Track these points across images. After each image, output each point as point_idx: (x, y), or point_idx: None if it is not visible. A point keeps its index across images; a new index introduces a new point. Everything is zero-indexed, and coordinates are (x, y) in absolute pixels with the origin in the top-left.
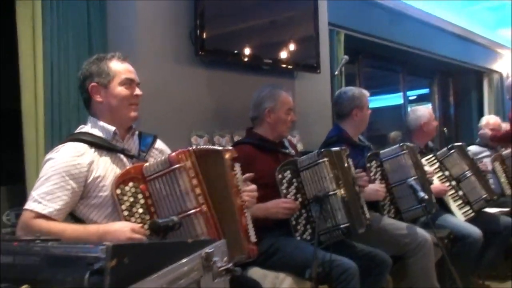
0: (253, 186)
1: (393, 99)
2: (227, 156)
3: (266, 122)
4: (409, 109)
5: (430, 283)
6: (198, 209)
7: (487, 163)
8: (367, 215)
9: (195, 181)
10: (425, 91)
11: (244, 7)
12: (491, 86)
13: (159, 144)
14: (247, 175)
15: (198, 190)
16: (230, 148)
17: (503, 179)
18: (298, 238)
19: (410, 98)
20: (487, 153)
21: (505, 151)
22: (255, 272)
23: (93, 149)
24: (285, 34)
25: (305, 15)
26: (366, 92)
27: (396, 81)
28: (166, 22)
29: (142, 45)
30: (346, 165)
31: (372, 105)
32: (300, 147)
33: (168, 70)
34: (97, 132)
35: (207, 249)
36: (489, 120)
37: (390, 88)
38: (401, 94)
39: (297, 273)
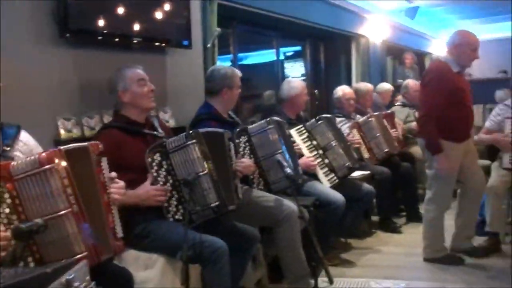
0: (121, 184)
1: (267, 56)
2: (93, 151)
3: (126, 103)
4: (285, 65)
5: (295, 252)
6: (69, 210)
7: (345, 130)
8: (240, 195)
9: (66, 181)
10: (298, 48)
11: None
12: (359, 50)
13: (24, 135)
14: (112, 174)
15: (69, 190)
16: (96, 142)
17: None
18: (171, 219)
19: (287, 54)
20: (345, 121)
21: (362, 118)
22: (128, 254)
23: None
24: (156, 9)
25: None
26: (237, 72)
27: (269, 42)
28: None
29: None
30: (226, 146)
31: (247, 62)
32: (172, 123)
33: (29, 52)
34: None
35: (67, 276)
36: (345, 90)
37: (265, 46)
38: (274, 51)
39: (169, 254)
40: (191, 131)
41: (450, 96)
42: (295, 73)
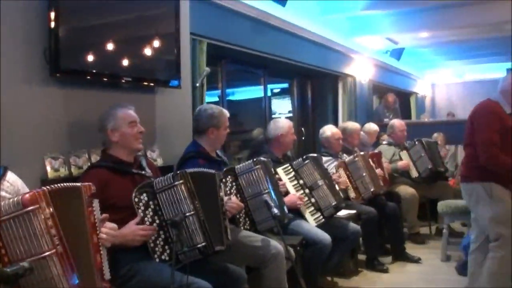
0: (113, 225)
1: (254, 92)
2: (85, 192)
3: (114, 142)
4: (272, 102)
5: None
6: (53, 251)
7: (332, 170)
8: (229, 236)
9: (50, 222)
10: (285, 85)
11: (101, 24)
12: (345, 89)
13: (10, 176)
14: (103, 216)
15: (53, 231)
16: (89, 184)
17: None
18: (157, 260)
19: (274, 90)
20: (332, 160)
21: (348, 158)
22: None
23: None
24: (145, 49)
25: (166, 28)
26: (225, 112)
27: (257, 78)
28: (17, 40)
29: None
30: (217, 187)
31: (234, 97)
32: (160, 162)
33: (19, 91)
34: None
35: None
36: (333, 130)
37: (252, 82)
38: (261, 87)
39: None
40: (178, 171)
41: (500, 136)
42: (282, 110)
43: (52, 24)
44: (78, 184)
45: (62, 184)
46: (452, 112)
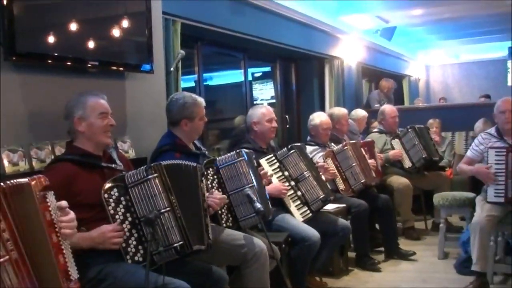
0: (71, 216)
1: (234, 76)
2: (35, 187)
3: (80, 133)
4: (253, 87)
5: None
6: (6, 258)
7: (319, 159)
8: (210, 235)
9: (2, 225)
10: (267, 69)
11: (63, 1)
12: (332, 72)
13: None
14: (61, 203)
15: (6, 235)
16: (38, 176)
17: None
18: (130, 261)
19: (256, 75)
20: (319, 150)
21: (336, 147)
22: None
23: None
24: (113, 30)
25: (136, 8)
26: (200, 101)
27: (236, 62)
28: None
29: None
30: (198, 181)
31: (212, 82)
32: (132, 153)
33: None
34: None
35: None
36: (322, 118)
37: (231, 66)
38: (241, 71)
39: None
40: (152, 164)
41: None
42: (265, 95)
43: (5, 1)
44: (25, 179)
45: (11, 181)
46: (444, 97)
